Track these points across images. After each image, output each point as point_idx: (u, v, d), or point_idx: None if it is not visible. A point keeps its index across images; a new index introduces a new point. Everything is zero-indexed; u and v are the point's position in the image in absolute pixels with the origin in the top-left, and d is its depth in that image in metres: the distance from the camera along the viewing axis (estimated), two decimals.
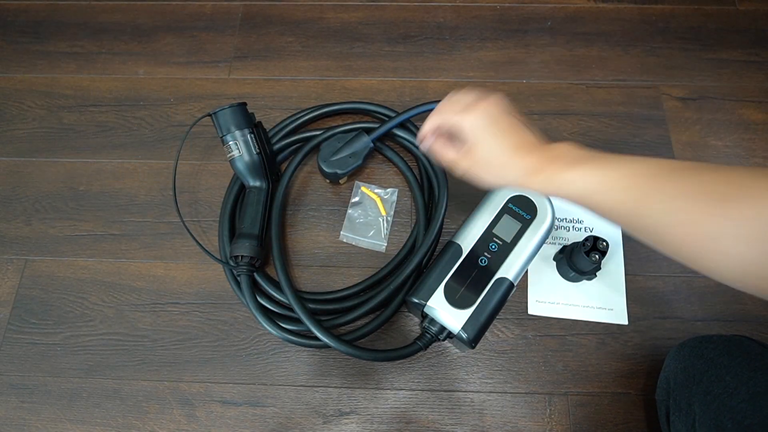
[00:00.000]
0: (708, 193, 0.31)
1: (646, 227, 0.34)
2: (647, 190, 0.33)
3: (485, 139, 0.41)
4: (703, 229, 0.30)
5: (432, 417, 0.56)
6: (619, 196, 0.35)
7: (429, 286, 0.51)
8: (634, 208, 0.34)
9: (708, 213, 0.30)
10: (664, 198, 0.32)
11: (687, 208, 0.31)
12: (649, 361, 0.57)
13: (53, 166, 0.70)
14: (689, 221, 0.31)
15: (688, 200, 0.31)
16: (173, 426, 0.56)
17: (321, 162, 0.64)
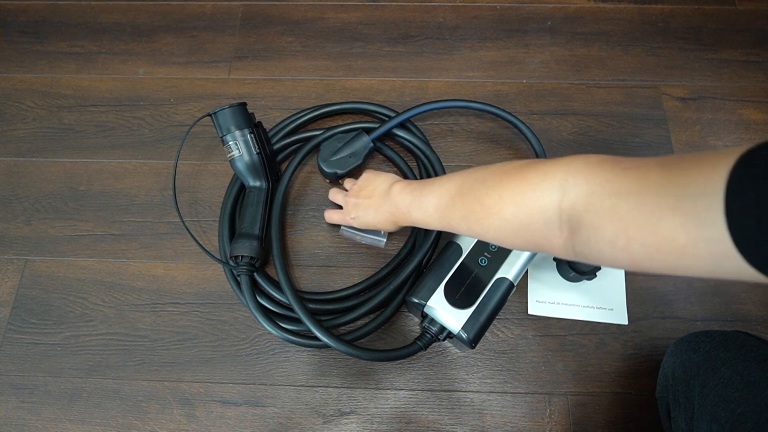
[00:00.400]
0: (470, 201, 0.40)
1: (455, 229, 0.43)
2: (445, 215, 0.43)
3: (366, 182, 0.57)
4: (483, 224, 0.39)
5: (432, 417, 0.56)
6: (435, 222, 0.45)
7: (429, 286, 0.51)
8: (444, 220, 0.44)
9: (475, 216, 0.39)
10: (454, 217, 0.42)
11: (466, 215, 0.40)
12: (649, 360, 0.57)
13: (53, 166, 0.70)
14: (471, 220, 0.40)
15: (461, 210, 0.41)
16: (173, 426, 0.56)
17: (321, 162, 0.64)
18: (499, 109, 0.65)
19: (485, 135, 0.70)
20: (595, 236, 0.30)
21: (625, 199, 0.28)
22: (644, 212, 0.27)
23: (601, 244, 0.30)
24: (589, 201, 0.31)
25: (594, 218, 0.30)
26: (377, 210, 0.53)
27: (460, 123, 0.71)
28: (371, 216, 0.54)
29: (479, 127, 0.71)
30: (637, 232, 0.28)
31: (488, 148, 0.69)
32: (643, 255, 0.28)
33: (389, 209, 0.51)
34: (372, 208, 0.53)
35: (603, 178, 0.30)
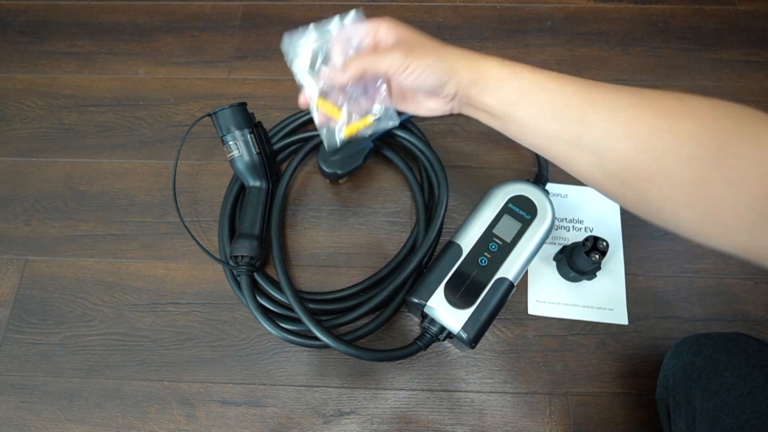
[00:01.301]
0: (651, 106, 0.30)
1: (584, 145, 0.32)
2: (593, 98, 0.32)
3: (412, 29, 0.39)
4: (647, 146, 0.29)
5: (432, 417, 0.56)
6: (559, 105, 0.33)
7: (429, 286, 0.51)
8: (577, 121, 0.32)
9: (652, 127, 0.29)
10: (608, 109, 0.31)
11: (629, 121, 0.30)
12: (649, 361, 0.57)
13: (53, 166, 0.70)
14: (631, 136, 0.30)
15: (630, 111, 0.30)
16: (173, 426, 0.56)
17: (321, 162, 0.64)
18: None
19: (485, 135, 0.70)
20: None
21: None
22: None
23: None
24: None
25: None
26: (437, 69, 0.37)
27: (460, 123, 0.71)
28: (429, 69, 0.37)
29: (479, 127, 0.70)
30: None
31: (488, 148, 0.69)
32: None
33: (464, 51, 0.38)
34: (435, 52, 0.38)
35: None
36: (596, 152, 0.32)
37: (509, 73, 0.36)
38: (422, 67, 0.37)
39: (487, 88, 0.37)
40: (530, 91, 0.35)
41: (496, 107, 0.37)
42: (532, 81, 0.35)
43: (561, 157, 0.35)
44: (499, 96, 0.36)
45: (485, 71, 0.37)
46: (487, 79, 0.37)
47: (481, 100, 0.37)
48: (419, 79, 0.37)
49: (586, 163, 0.33)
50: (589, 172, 0.34)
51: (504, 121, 0.37)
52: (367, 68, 0.37)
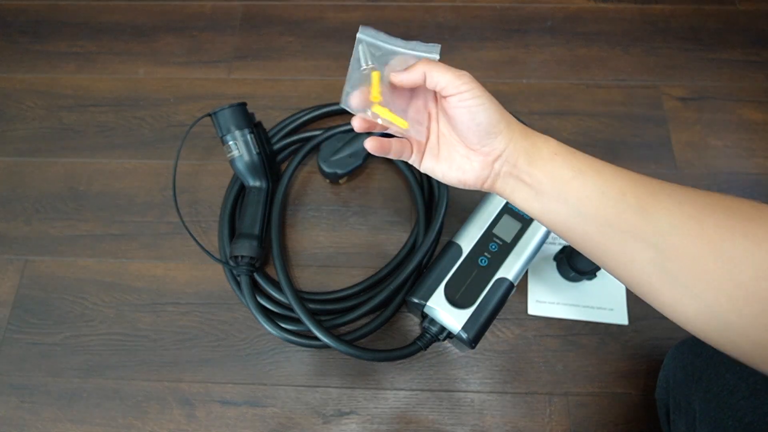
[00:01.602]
0: (724, 207, 0.27)
1: (636, 236, 0.29)
2: (653, 189, 0.29)
3: (481, 90, 0.35)
4: (720, 250, 0.25)
5: (432, 417, 0.56)
6: (616, 189, 0.30)
7: (429, 286, 0.51)
8: (637, 209, 0.29)
9: (726, 229, 0.26)
10: (672, 202, 0.28)
11: (699, 217, 0.27)
12: (649, 361, 0.57)
13: (53, 166, 0.70)
14: (701, 235, 0.26)
15: (699, 209, 0.27)
16: (173, 426, 0.56)
17: (321, 162, 0.64)
18: None
19: None
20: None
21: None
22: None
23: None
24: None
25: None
26: (495, 110, 0.34)
27: None
28: (488, 105, 0.33)
29: None
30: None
31: None
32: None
33: (521, 126, 0.35)
34: (494, 104, 0.34)
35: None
36: (656, 247, 0.28)
37: (564, 149, 0.33)
38: (481, 99, 0.33)
39: (538, 159, 0.33)
40: (586, 170, 0.32)
41: (545, 182, 0.33)
42: (587, 161, 0.32)
43: (612, 252, 0.31)
44: (551, 170, 0.33)
45: (539, 142, 0.34)
46: (539, 150, 0.34)
47: (530, 171, 0.33)
48: (473, 108, 0.33)
49: (643, 260, 0.29)
50: (646, 271, 0.29)
51: (551, 199, 0.33)
52: (431, 73, 0.33)
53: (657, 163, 0.68)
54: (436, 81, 0.34)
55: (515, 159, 0.34)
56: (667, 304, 0.29)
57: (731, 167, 0.68)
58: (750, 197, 0.65)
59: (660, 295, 0.29)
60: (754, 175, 0.67)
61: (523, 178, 0.34)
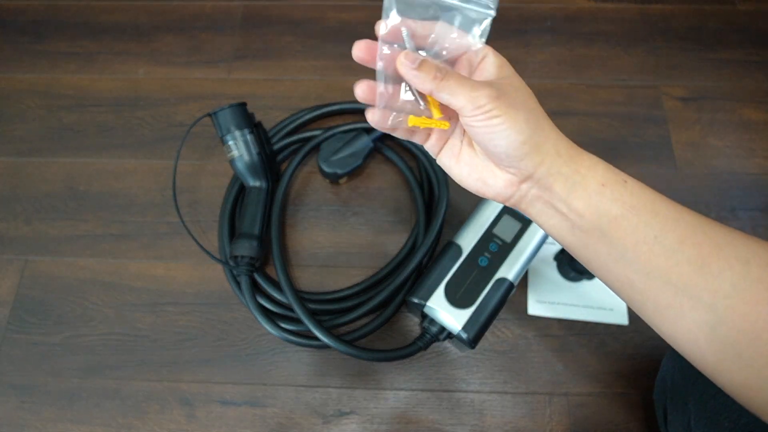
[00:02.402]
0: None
1: (700, 295, 0.25)
2: (717, 240, 0.26)
3: (521, 81, 0.30)
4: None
5: (432, 417, 0.56)
6: (674, 236, 0.26)
7: (429, 286, 0.51)
8: (695, 263, 0.25)
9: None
10: (735, 256, 0.25)
11: (767, 280, 0.24)
12: (649, 361, 0.57)
13: (53, 166, 0.70)
14: (764, 302, 0.24)
15: (766, 269, 0.24)
16: (173, 426, 0.56)
17: (321, 162, 0.64)
18: None
19: None
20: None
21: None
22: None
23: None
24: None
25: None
26: (519, 131, 0.27)
27: None
28: (509, 125, 0.27)
29: None
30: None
31: None
32: None
33: (562, 136, 0.30)
34: (530, 113, 0.29)
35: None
36: (713, 309, 0.25)
37: (615, 178, 0.28)
38: (503, 119, 0.27)
39: (581, 188, 0.28)
40: (640, 208, 0.27)
41: (587, 216, 0.28)
42: (642, 195, 0.27)
43: (657, 305, 0.27)
44: (596, 203, 0.27)
45: (585, 167, 0.28)
46: (584, 176, 0.28)
47: (568, 201, 0.28)
48: (492, 132, 0.27)
49: (694, 319, 0.26)
50: (692, 332, 0.26)
51: (590, 236, 0.28)
52: (439, 93, 0.28)
53: (657, 163, 0.68)
54: (447, 101, 0.28)
55: (549, 184, 0.28)
56: (711, 367, 0.27)
57: (731, 167, 0.68)
58: (750, 197, 0.65)
59: (705, 356, 0.27)
60: (754, 175, 0.67)
61: (557, 206, 0.29)
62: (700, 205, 0.65)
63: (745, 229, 0.63)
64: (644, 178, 0.29)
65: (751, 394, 0.25)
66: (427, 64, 0.28)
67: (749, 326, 0.24)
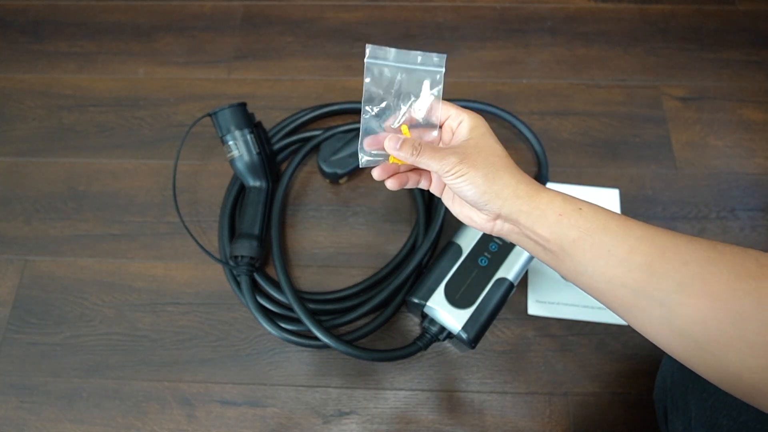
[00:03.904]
0: (728, 264, 0.27)
1: (653, 296, 0.29)
2: (662, 246, 0.30)
3: (488, 139, 0.37)
4: (725, 307, 0.26)
5: (432, 417, 0.56)
6: (624, 248, 0.31)
7: (429, 286, 0.51)
8: (645, 268, 0.29)
9: (730, 287, 0.27)
10: (679, 262, 0.29)
11: (705, 276, 0.28)
12: (649, 361, 0.57)
13: (53, 166, 0.70)
14: (706, 294, 0.27)
15: (704, 267, 0.28)
16: (173, 426, 0.56)
17: (321, 162, 0.64)
18: (499, 109, 0.65)
19: None
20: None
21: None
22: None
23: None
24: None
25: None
26: (481, 184, 0.35)
27: None
28: (473, 181, 0.35)
29: None
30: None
31: None
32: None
33: (531, 182, 0.36)
34: (489, 168, 0.35)
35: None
36: (666, 305, 0.29)
37: (571, 208, 0.33)
38: (465, 178, 0.34)
39: (542, 219, 0.34)
40: (593, 230, 0.32)
41: (551, 241, 0.33)
42: (596, 218, 0.32)
43: (623, 306, 0.32)
44: (556, 230, 0.33)
45: (543, 203, 0.34)
46: (543, 210, 0.34)
47: (534, 230, 0.34)
48: (460, 187, 0.35)
49: (652, 316, 0.30)
50: (655, 326, 0.30)
51: (558, 256, 0.34)
52: (419, 160, 0.36)
53: (657, 163, 0.68)
54: (425, 167, 0.37)
55: (515, 219, 0.35)
56: (681, 358, 0.30)
57: (731, 167, 0.68)
58: (750, 197, 0.65)
59: (673, 348, 0.30)
60: (754, 175, 0.67)
61: (527, 233, 0.35)
62: (700, 206, 0.65)
63: (744, 229, 0.63)
64: (644, 178, 0.31)
65: (719, 376, 0.28)
66: (406, 144, 0.36)
67: (698, 315, 0.28)
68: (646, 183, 0.66)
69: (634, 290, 0.30)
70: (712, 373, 0.29)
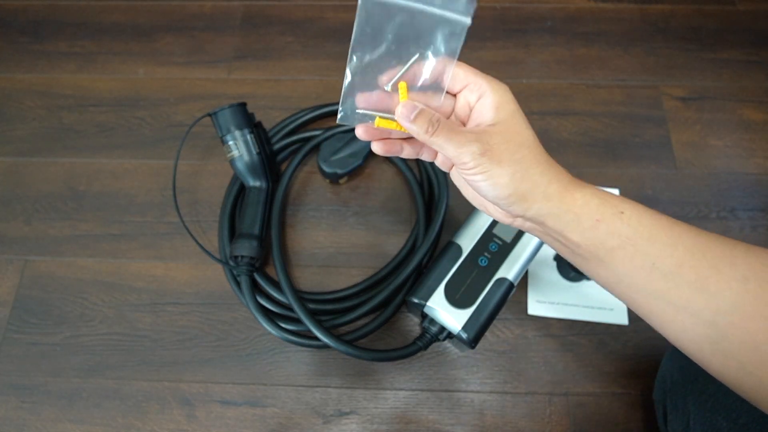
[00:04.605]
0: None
1: (701, 313, 0.27)
2: (714, 261, 0.27)
3: (518, 123, 0.30)
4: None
5: (432, 417, 0.56)
6: (672, 262, 0.27)
7: (429, 286, 0.51)
8: (695, 286, 0.27)
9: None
10: (734, 277, 0.26)
11: (764, 296, 0.25)
12: (649, 361, 0.57)
13: (53, 166, 0.70)
14: (762, 316, 0.25)
15: (763, 285, 0.25)
16: (173, 426, 0.56)
17: (321, 162, 0.64)
18: None
19: None
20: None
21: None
22: None
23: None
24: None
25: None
26: (505, 185, 0.29)
27: None
28: (496, 181, 0.29)
29: None
30: None
31: None
32: None
33: (566, 174, 0.31)
34: (518, 166, 0.29)
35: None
36: (714, 326, 0.26)
37: (610, 211, 0.28)
38: (488, 175, 0.29)
39: (574, 224, 0.29)
40: (636, 238, 0.28)
41: (583, 246, 0.29)
42: (639, 226, 0.28)
43: (660, 319, 0.29)
44: (591, 237, 0.29)
45: (577, 205, 0.29)
46: (577, 213, 0.29)
47: (564, 234, 0.30)
48: (479, 185, 0.30)
49: (696, 333, 0.27)
50: (696, 343, 0.27)
51: (589, 262, 0.30)
52: (433, 140, 0.29)
53: (657, 163, 0.68)
54: (438, 148, 0.29)
55: (541, 221, 0.30)
56: (716, 373, 0.28)
57: (731, 167, 0.68)
58: (750, 197, 0.65)
59: (710, 363, 0.28)
60: (754, 175, 0.67)
61: (554, 236, 0.30)
62: (700, 206, 0.65)
63: (744, 229, 0.63)
64: (644, 178, 0.29)
65: (756, 397, 0.27)
66: (422, 116, 0.29)
67: (750, 339, 0.25)
68: (646, 183, 0.66)
69: (678, 306, 0.27)
70: (755, 397, 0.27)
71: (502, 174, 0.28)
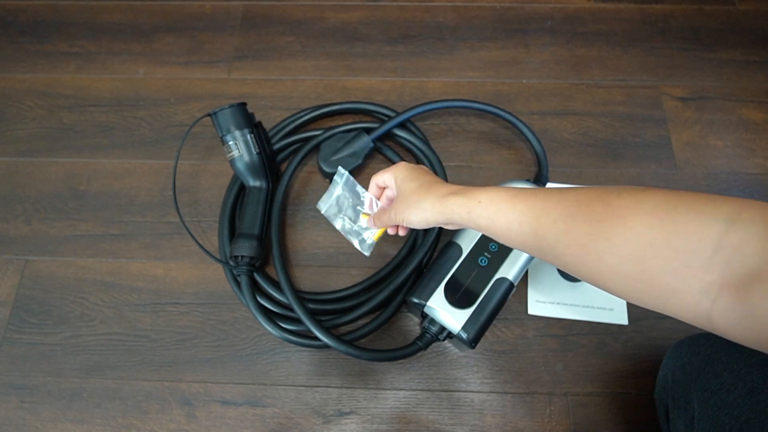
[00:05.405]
0: (583, 213, 0.33)
1: (547, 252, 0.35)
2: (539, 214, 0.35)
3: (407, 184, 0.46)
4: (590, 249, 0.32)
5: (432, 417, 0.56)
6: (519, 223, 0.37)
7: (429, 286, 0.51)
8: (532, 232, 0.36)
9: (588, 233, 0.32)
10: (551, 222, 0.34)
11: (570, 230, 0.33)
12: (649, 361, 0.57)
13: (53, 166, 0.70)
14: (576, 243, 0.33)
15: (569, 222, 0.33)
16: (173, 426, 0.56)
17: (321, 162, 0.64)
18: (499, 109, 0.65)
19: (485, 135, 0.70)
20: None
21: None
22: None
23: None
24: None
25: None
26: (439, 206, 0.43)
27: (460, 123, 0.71)
28: (429, 213, 0.43)
29: (479, 127, 0.71)
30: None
31: (488, 148, 0.69)
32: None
33: (447, 189, 0.43)
34: (434, 202, 0.43)
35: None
36: (558, 257, 0.35)
37: (472, 204, 0.40)
38: (403, 219, 0.45)
39: (466, 221, 0.40)
40: (493, 216, 0.38)
41: (484, 230, 0.40)
42: (490, 206, 0.39)
43: (553, 261, 0.37)
44: (476, 224, 0.40)
45: (455, 211, 0.41)
46: (459, 213, 0.41)
47: (473, 227, 0.41)
48: (408, 224, 0.45)
49: (556, 263, 0.36)
50: (560, 264, 0.36)
51: (492, 237, 0.41)
52: (387, 224, 0.49)
53: (657, 163, 0.68)
54: (386, 224, 0.50)
55: (457, 224, 0.42)
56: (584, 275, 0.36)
57: (731, 167, 0.68)
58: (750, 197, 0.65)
59: (579, 272, 0.35)
60: (754, 175, 0.67)
61: (478, 230, 0.41)
62: None
63: None
64: (644, 178, 0.31)
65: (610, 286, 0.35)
66: (370, 220, 0.53)
67: (574, 261, 0.33)
68: (646, 183, 0.66)
69: (537, 250, 0.36)
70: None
71: (408, 213, 0.44)
